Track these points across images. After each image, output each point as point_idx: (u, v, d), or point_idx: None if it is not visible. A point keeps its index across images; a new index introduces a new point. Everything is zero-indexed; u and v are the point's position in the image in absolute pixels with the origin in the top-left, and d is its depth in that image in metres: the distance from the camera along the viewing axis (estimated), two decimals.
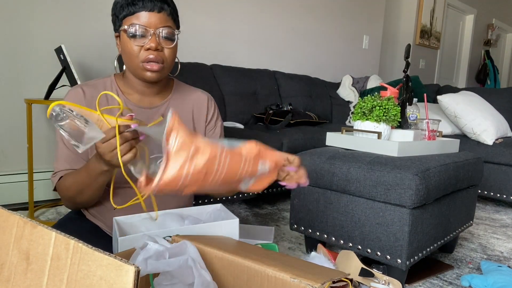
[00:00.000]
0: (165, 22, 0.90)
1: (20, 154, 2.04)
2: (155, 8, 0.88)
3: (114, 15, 0.94)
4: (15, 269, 0.47)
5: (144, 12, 0.88)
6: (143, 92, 0.99)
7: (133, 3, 0.88)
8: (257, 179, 0.80)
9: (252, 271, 0.61)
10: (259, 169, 0.77)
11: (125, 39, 0.91)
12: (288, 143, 2.20)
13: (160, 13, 0.89)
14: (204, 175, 0.66)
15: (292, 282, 0.55)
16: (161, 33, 0.90)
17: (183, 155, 0.64)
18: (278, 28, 3.22)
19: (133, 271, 0.36)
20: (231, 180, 0.74)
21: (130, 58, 0.91)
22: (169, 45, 0.92)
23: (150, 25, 0.89)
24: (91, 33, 2.21)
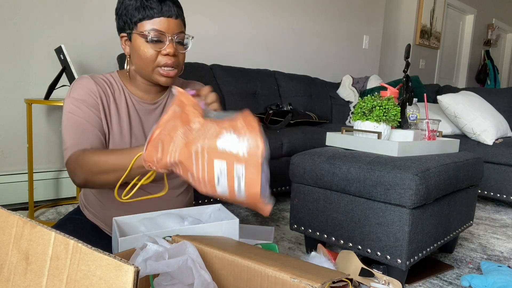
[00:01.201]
0: (180, 28, 0.92)
1: (20, 154, 2.04)
2: (173, 14, 0.89)
3: (123, 16, 0.91)
4: (15, 269, 0.47)
5: (162, 18, 0.88)
6: (147, 90, 1.01)
7: (150, 7, 0.88)
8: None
9: (252, 271, 0.61)
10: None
11: (140, 43, 0.90)
12: (288, 143, 2.20)
13: (177, 19, 0.91)
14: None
15: (292, 282, 0.55)
16: (176, 38, 0.91)
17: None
18: (278, 28, 3.22)
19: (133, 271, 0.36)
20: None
21: (146, 62, 0.91)
22: (182, 50, 0.94)
23: (168, 31, 0.89)
24: (91, 33, 2.21)
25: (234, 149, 0.59)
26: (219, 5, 2.80)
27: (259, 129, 0.60)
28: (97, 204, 1.01)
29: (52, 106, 2.13)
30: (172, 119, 0.65)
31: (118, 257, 0.39)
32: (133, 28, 0.90)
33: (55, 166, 2.16)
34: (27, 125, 1.82)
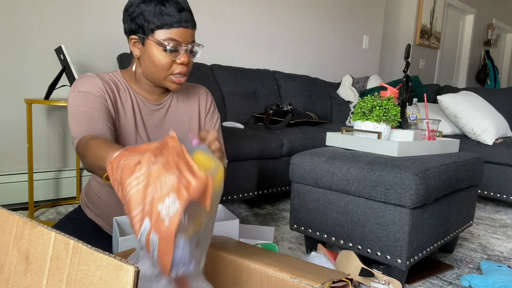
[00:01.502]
0: (193, 37, 0.94)
1: (20, 154, 2.04)
2: (190, 25, 0.91)
3: (139, 20, 0.90)
4: (15, 269, 0.47)
5: (181, 28, 0.89)
6: (151, 91, 1.02)
7: (170, 15, 0.88)
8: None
9: (252, 271, 0.61)
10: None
11: (156, 50, 0.90)
12: (288, 143, 2.20)
13: (192, 29, 0.93)
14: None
15: (292, 282, 0.55)
16: (190, 48, 0.93)
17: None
18: (278, 28, 3.22)
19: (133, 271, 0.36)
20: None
21: (159, 70, 0.92)
22: (192, 57, 0.96)
23: (184, 41, 0.91)
24: (91, 33, 2.21)
25: (162, 215, 0.55)
26: (219, 5, 2.80)
27: (187, 201, 0.55)
28: (98, 202, 1.02)
29: (52, 106, 2.13)
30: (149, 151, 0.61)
31: (118, 257, 0.39)
32: (149, 34, 0.90)
33: (55, 166, 2.16)
34: (27, 125, 1.82)
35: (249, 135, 2.08)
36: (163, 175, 0.57)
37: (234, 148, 1.95)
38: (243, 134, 2.09)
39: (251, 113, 2.68)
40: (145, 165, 0.58)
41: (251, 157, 2.04)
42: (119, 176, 0.59)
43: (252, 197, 2.10)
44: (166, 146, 0.62)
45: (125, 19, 0.93)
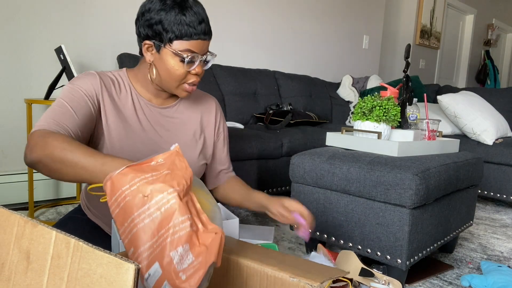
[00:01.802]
0: (208, 47, 0.93)
1: (20, 154, 2.04)
2: (208, 37, 0.91)
3: (157, 27, 0.87)
4: (16, 268, 0.47)
5: (200, 40, 0.89)
6: (157, 95, 1.01)
7: (191, 26, 0.87)
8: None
9: (251, 270, 0.61)
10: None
11: (172, 59, 0.89)
12: (288, 143, 2.21)
13: (209, 41, 0.92)
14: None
15: (291, 281, 0.56)
16: (205, 58, 0.93)
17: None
18: (278, 28, 3.22)
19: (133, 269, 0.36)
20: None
21: (173, 79, 0.92)
22: (205, 66, 0.95)
23: (201, 53, 0.91)
24: (91, 33, 2.21)
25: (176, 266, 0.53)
26: (219, 5, 2.80)
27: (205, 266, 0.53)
28: (99, 204, 1.01)
29: None
30: (159, 180, 0.58)
31: (119, 255, 0.39)
32: (166, 43, 0.88)
33: None
34: (27, 125, 1.83)
35: (249, 135, 2.08)
36: (175, 215, 0.56)
37: (234, 148, 1.95)
38: (243, 134, 2.09)
39: (251, 113, 2.68)
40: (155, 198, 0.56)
41: (251, 157, 2.04)
42: (125, 204, 0.57)
43: None
44: (175, 168, 0.61)
45: (140, 23, 0.91)
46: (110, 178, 0.61)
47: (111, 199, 0.60)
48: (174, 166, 0.62)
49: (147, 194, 0.57)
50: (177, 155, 0.63)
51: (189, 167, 0.63)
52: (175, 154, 0.64)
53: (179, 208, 0.56)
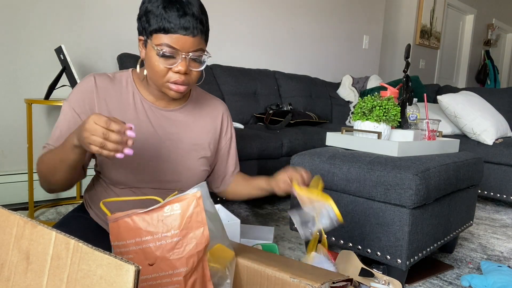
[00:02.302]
0: (197, 45, 0.86)
1: (20, 154, 2.04)
2: (191, 33, 0.83)
3: (143, 21, 0.86)
4: (15, 268, 0.47)
5: (179, 35, 0.82)
6: (161, 97, 0.98)
7: (169, 20, 0.81)
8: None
9: (252, 271, 0.61)
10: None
11: (152, 55, 0.85)
12: (288, 143, 2.20)
13: (195, 37, 0.84)
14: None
15: (292, 282, 0.55)
16: (191, 56, 0.86)
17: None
18: (278, 28, 3.22)
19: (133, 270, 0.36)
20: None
21: (155, 75, 0.87)
22: (197, 67, 0.88)
23: (182, 49, 0.84)
24: (91, 33, 2.21)
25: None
26: (219, 5, 2.80)
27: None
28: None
29: (52, 106, 2.13)
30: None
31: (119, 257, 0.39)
32: (148, 37, 0.86)
33: None
34: (27, 125, 1.83)
35: (249, 135, 2.08)
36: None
37: None
38: (243, 134, 2.09)
39: (251, 113, 2.68)
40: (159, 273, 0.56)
41: (251, 157, 2.04)
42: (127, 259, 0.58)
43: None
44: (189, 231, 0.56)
45: (137, 19, 0.90)
46: (116, 220, 0.59)
47: (114, 242, 0.58)
48: (190, 226, 0.57)
49: (152, 263, 0.55)
50: (197, 203, 0.58)
51: (206, 226, 0.58)
52: (195, 200, 0.59)
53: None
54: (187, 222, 0.57)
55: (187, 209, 0.58)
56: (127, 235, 0.57)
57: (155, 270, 0.55)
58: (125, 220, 0.59)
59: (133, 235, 0.57)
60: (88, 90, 0.93)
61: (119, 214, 0.60)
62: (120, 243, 0.58)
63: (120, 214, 0.60)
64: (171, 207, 0.59)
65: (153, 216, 0.58)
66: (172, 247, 0.56)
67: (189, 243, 0.56)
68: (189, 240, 0.56)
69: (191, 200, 0.59)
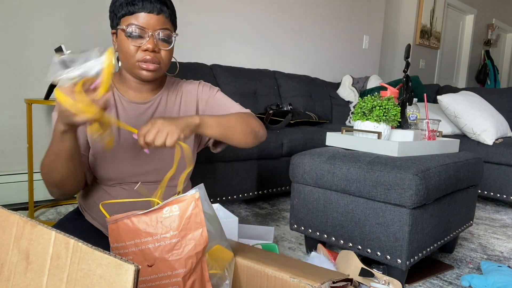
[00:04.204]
0: (163, 24, 0.91)
1: (20, 154, 2.04)
2: (154, 10, 0.89)
3: (112, 12, 0.94)
4: (15, 268, 0.47)
5: (143, 13, 0.88)
6: (138, 89, 1.00)
7: (132, 3, 0.88)
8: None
9: (252, 271, 0.61)
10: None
11: (122, 38, 0.91)
12: (288, 143, 2.20)
13: (159, 15, 0.90)
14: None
15: (291, 281, 0.55)
16: (158, 35, 0.91)
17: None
18: (278, 28, 3.22)
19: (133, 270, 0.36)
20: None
21: (127, 57, 0.92)
22: (166, 47, 0.93)
23: (148, 27, 0.89)
24: (91, 33, 2.21)
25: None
26: (219, 5, 2.80)
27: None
28: (95, 207, 1.01)
29: (52, 106, 2.13)
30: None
31: (119, 256, 0.39)
32: (118, 24, 0.92)
33: None
34: (27, 125, 1.83)
35: None
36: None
37: (234, 148, 1.95)
38: None
39: None
40: (159, 274, 0.58)
41: (251, 157, 2.04)
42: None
43: (252, 197, 2.10)
44: (188, 232, 0.57)
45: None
46: (115, 221, 0.59)
47: (113, 244, 0.59)
48: (188, 227, 0.57)
49: (151, 264, 0.55)
50: (195, 205, 0.59)
51: (205, 227, 0.58)
52: (193, 201, 0.60)
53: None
54: (185, 223, 0.58)
55: (186, 211, 0.59)
56: (127, 236, 0.58)
57: (153, 272, 0.55)
58: (124, 222, 0.59)
59: (133, 236, 0.57)
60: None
61: (118, 216, 0.61)
62: (119, 244, 0.58)
63: (120, 216, 0.60)
64: (170, 209, 0.59)
65: (152, 217, 0.59)
66: (171, 248, 0.56)
67: (187, 244, 0.56)
68: (187, 241, 0.57)
69: (190, 201, 0.59)
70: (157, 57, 0.92)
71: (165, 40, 0.92)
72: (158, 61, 0.92)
